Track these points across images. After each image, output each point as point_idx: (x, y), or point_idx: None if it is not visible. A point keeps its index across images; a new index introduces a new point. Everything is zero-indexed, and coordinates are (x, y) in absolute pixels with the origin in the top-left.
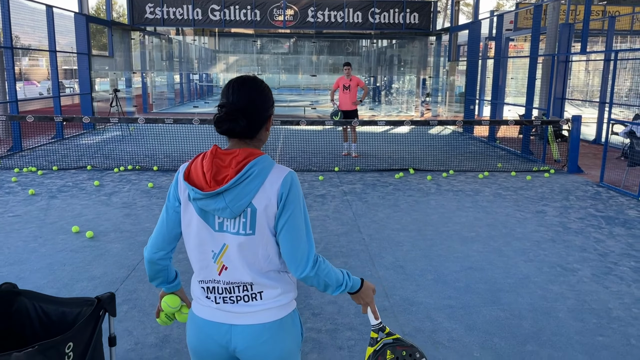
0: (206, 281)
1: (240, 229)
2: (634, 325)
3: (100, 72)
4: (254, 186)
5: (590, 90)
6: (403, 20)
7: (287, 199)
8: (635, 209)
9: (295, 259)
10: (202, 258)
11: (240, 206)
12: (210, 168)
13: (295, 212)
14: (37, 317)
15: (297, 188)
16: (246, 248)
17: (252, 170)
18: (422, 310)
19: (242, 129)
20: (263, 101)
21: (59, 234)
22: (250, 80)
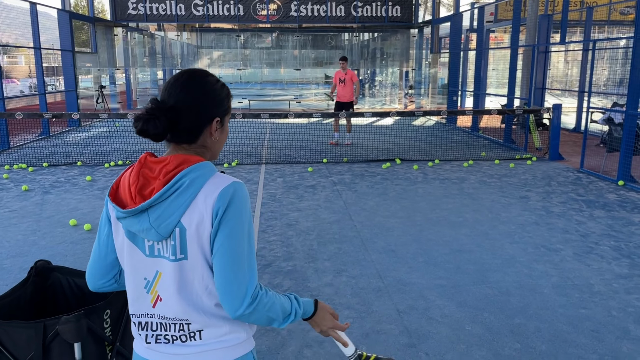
0: (138, 315)
1: (171, 253)
2: (614, 299)
3: (82, 68)
4: (182, 201)
5: (569, 80)
6: (385, 13)
7: (224, 215)
8: (614, 192)
9: (228, 293)
10: (134, 287)
11: (166, 226)
12: (136, 180)
13: (234, 233)
14: (71, 290)
15: (240, 203)
16: (179, 277)
17: (183, 181)
18: (415, 290)
19: (159, 131)
20: (200, 101)
21: (57, 227)
22: (189, 75)
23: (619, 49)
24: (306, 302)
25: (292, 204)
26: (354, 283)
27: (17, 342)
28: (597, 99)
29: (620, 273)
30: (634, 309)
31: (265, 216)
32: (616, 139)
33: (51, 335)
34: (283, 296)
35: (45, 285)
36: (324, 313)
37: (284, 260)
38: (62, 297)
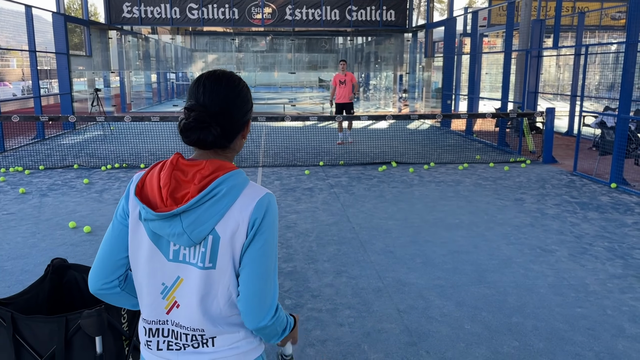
0: (150, 321)
1: (199, 260)
2: (609, 298)
3: (76, 71)
4: (219, 208)
5: (561, 84)
6: (379, 17)
7: (260, 226)
8: (607, 195)
9: (255, 305)
10: (150, 292)
11: (200, 232)
12: (167, 182)
13: (267, 245)
14: (86, 288)
15: (273, 215)
16: (204, 286)
17: (220, 188)
18: (414, 290)
19: (215, 139)
20: (242, 104)
21: (57, 230)
22: (226, 78)
23: (610, 53)
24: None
25: (290, 206)
26: (354, 283)
27: (39, 336)
28: (589, 103)
29: (614, 273)
30: (628, 308)
31: None
32: (608, 142)
33: (73, 329)
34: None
35: (61, 282)
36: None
37: (284, 261)
38: (78, 294)
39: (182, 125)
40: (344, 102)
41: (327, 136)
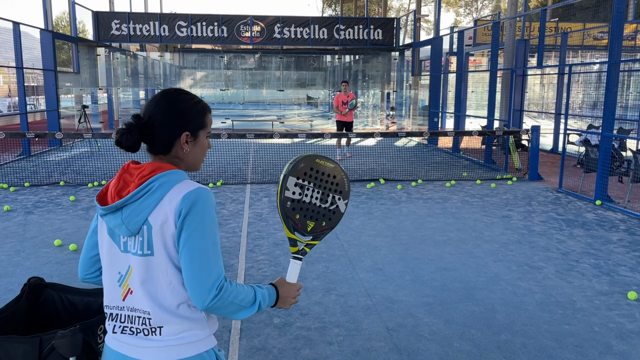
0: (111, 306)
1: (138, 248)
2: (596, 315)
3: (63, 88)
4: (151, 201)
5: (546, 102)
6: (367, 36)
7: (186, 217)
8: (592, 212)
9: (195, 286)
10: (110, 281)
11: (135, 223)
12: (116, 183)
13: (197, 231)
14: (64, 307)
15: (203, 206)
16: (145, 271)
17: (153, 184)
18: (403, 308)
19: (129, 144)
20: (170, 116)
21: (42, 248)
22: (163, 93)
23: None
24: (268, 289)
25: (279, 223)
26: (343, 301)
27: (13, 357)
28: (573, 121)
29: (601, 290)
30: (615, 325)
31: (252, 235)
32: (592, 159)
33: (47, 350)
34: (247, 287)
35: (38, 302)
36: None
37: (273, 279)
38: (55, 314)
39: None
40: (346, 121)
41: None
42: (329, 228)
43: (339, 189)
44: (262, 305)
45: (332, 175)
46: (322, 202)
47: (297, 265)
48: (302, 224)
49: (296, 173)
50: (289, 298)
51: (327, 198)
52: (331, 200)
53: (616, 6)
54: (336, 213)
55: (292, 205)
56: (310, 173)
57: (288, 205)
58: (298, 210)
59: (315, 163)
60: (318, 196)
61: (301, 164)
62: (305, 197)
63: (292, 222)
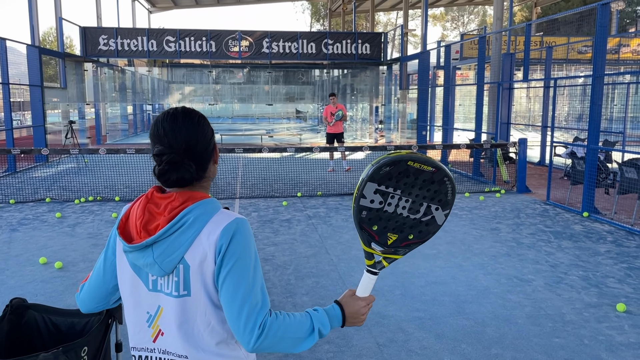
0: (139, 348)
1: (173, 289)
2: (585, 327)
3: (50, 103)
4: (186, 238)
5: (532, 115)
6: (355, 50)
7: (226, 251)
8: (580, 224)
9: (237, 328)
10: (136, 321)
11: (169, 262)
12: (141, 215)
13: (238, 267)
14: (47, 329)
15: (243, 238)
16: (181, 313)
17: (187, 217)
18: (394, 323)
19: (192, 174)
20: (203, 133)
21: (26, 266)
22: (181, 114)
23: (577, 86)
24: (328, 310)
25: (268, 238)
26: None
27: None
28: (560, 133)
29: (589, 302)
30: (605, 337)
31: None
32: (579, 172)
33: None
34: (300, 314)
35: (20, 323)
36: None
37: None
38: (38, 335)
39: (158, 171)
40: (336, 133)
41: (304, 167)
42: (417, 242)
43: (437, 197)
44: (324, 331)
45: (431, 181)
46: (412, 213)
47: (371, 280)
48: (381, 237)
49: (379, 179)
50: (359, 315)
51: (420, 208)
52: (425, 210)
53: (599, 20)
54: (430, 225)
55: (368, 215)
56: (399, 178)
57: (364, 215)
58: (376, 221)
59: (407, 167)
60: (407, 205)
61: (386, 168)
62: (389, 206)
63: (368, 234)
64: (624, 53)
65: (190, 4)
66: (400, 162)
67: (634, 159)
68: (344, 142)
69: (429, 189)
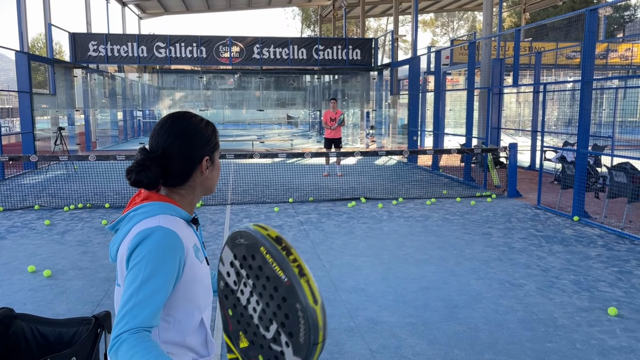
0: None
1: (117, 277)
2: (577, 332)
3: (39, 110)
4: (123, 232)
5: (522, 120)
6: (346, 56)
7: (131, 255)
8: (571, 228)
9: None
10: None
11: (112, 250)
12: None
13: (132, 272)
14: (34, 339)
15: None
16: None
17: (132, 214)
18: (386, 329)
19: (151, 180)
20: (186, 143)
21: (15, 274)
22: (173, 119)
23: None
24: None
25: None
26: None
27: None
28: (549, 138)
29: (581, 306)
30: (597, 341)
31: None
32: (569, 176)
33: None
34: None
35: (7, 333)
36: None
37: None
38: (25, 346)
39: (127, 168)
40: (334, 138)
41: (296, 173)
42: None
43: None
44: None
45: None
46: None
47: None
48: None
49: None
50: None
51: (270, 326)
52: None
53: (587, 26)
54: None
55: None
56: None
57: (222, 287)
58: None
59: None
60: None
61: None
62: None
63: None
64: (612, 58)
65: (181, 9)
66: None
67: (623, 163)
68: (341, 147)
69: (279, 305)
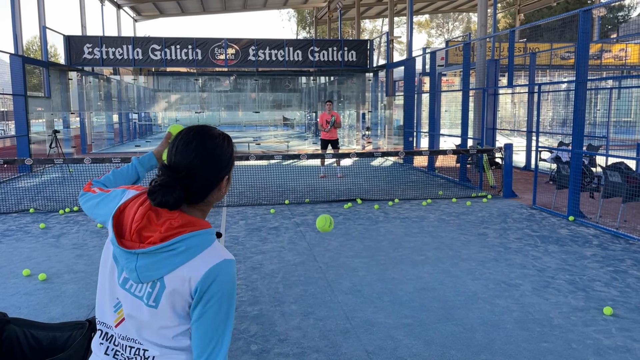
0: (102, 323)
1: (145, 296)
2: (573, 332)
3: (34, 113)
4: (172, 263)
5: (517, 120)
6: (341, 58)
7: (205, 292)
8: (566, 227)
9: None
10: (105, 300)
11: (147, 277)
12: (140, 219)
13: (213, 310)
14: (28, 344)
15: (224, 283)
16: (146, 318)
17: (180, 245)
18: (383, 330)
19: (176, 201)
20: (212, 164)
21: (9, 278)
22: (198, 138)
23: (561, 91)
24: None
25: (256, 246)
26: (322, 325)
27: None
28: (544, 138)
29: (577, 306)
30: (592, 341)
31: None
32: (564, 176)
33: None
34: None
35: (0, 338)
36: None
37: (250, 304)
38: (19, 351)
39: (150, 188)
40: (331, 139)
41: (292, 174)
42: None
43: None
44: None
45: None
46: None
47: None
48: None
49: None
50: None
51: None
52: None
53: (582, 27)
54: None
55: None
56: None
57: None
58: None
59: None
60: None
61: None
62: None
63: None
64: (606, 58)
65: (176, 12)
66: None
67: (618, 163)
68: (339, 148)
69: None
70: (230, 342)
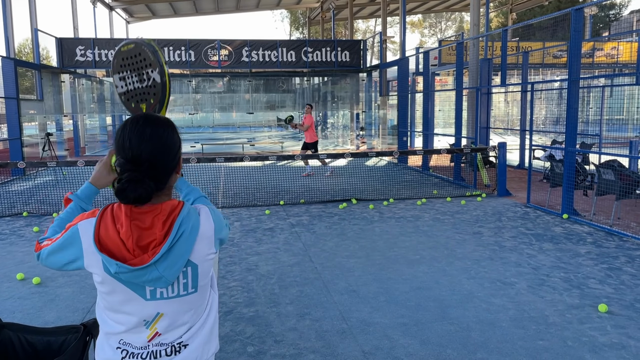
0: (129, 344)
1: (181, 290)
2: (568, 329)
3: (26, 116)
4: (189, 244)
5: (511, 119)
6: (335, 58)
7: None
8: (560, 225)
9: None
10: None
11: (176, 271)
12: (129, 234)
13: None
14: (22, 349)
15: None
16: (186, 307)
17: (184, 228)
18: (379, 330)
19: (148, 192)
20: (170, 149)
21: (3, 283)
22: (150, 127)
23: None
24: None
25: (251, 247)
26: (318, 326)
27: None
28: (538, 137)
29: (572, 304)
30: (588, 338)
31: (224, 261)
32: (558, 174)
33: None
34: None
35: None
36: None
37: (246, 306)
38: (13, 356)
39: (117, 189)
40: (308, 142)
41: (286, 175)
42: (157, 103)
43: (146, 62)
44: None
45: (136, 53)
46: (142, 82)
47: None
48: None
49: (115, 70)
50: None
51: (143, 76)
52: (146, 76)
53: (574, 25)
54: (156, 86)
55: (125, 97)
56: (122, 63)
57: (123, 99)
58: (132, 100)
59: (121, 52)
60: (137, 79)
61: (115, 60)
62: (130, 85)
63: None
64: (598, 57)
65: (169, 13)
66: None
67: (611, 161)
68: (313, 151)
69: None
70: None
